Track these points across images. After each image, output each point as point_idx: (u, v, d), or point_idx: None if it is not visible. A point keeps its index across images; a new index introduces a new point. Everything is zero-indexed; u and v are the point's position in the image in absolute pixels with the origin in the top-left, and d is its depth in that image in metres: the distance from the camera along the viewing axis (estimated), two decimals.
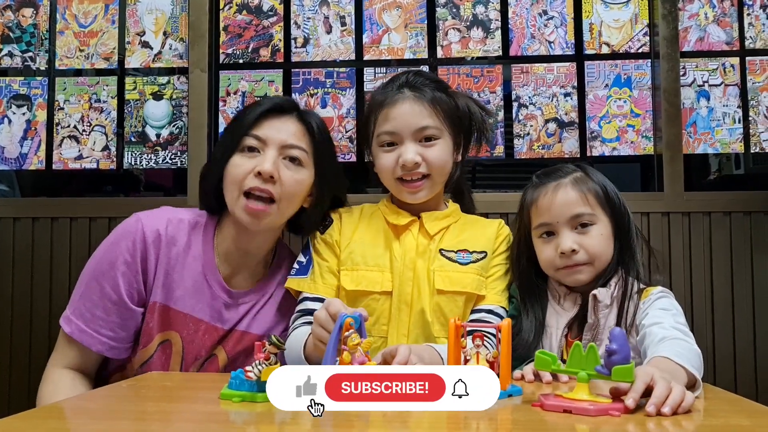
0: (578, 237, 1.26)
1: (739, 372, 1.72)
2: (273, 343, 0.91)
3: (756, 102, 1.83)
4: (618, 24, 1.86)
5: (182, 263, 1.30)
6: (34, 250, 1.82)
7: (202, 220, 1.36)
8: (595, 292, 1.23)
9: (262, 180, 1.26)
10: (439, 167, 1.35)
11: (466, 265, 1.35)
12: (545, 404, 0.88)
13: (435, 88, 1.38)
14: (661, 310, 1.19)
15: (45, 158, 1.90)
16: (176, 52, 1.91)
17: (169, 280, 1.28)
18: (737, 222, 1.76)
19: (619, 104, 1.84)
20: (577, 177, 1.31)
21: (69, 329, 1.26)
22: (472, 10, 1.88)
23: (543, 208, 1.29)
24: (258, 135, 1.30)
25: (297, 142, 1.32)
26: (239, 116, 1.37)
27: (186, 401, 0.95)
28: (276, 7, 1.91)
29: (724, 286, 1.74)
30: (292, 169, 1.31)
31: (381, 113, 1.36)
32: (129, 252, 1.26)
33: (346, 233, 1.39)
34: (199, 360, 1.32)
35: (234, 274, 1.36)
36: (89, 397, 1.00)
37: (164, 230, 1.29)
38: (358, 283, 1.32)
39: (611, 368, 0.85)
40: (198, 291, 1.30)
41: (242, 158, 1.29)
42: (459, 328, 1.00)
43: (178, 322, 1.29)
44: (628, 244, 1.29)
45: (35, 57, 1.93)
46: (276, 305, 1.38)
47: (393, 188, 1.38)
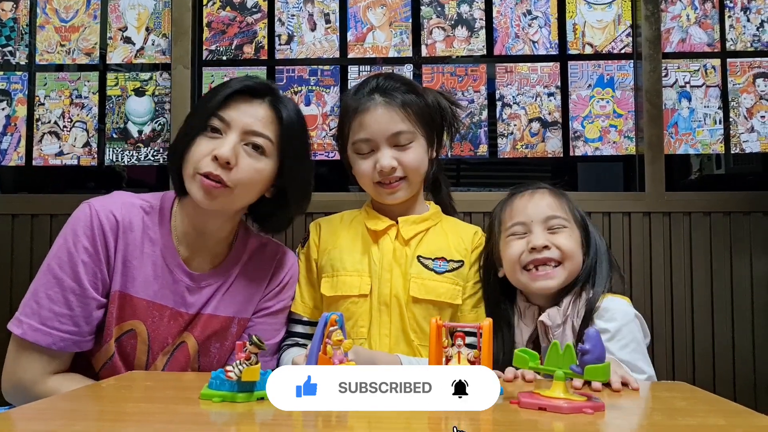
0: (550, 236, 1.29)
1: (717, 370, 1.74)
2: (254, 343, 0.91)
3: (736, 103, 1.85)
4: (601, 25, 1.87)
5: (140, 249, 1.24)
6: (14, 247, 1.80)
7: (156, 203, 1.30)
8: (542, 318, 1.25)
9: (218, 165, 1.20)
10: (415, 169, 1.37)
11: (442, 274, 1.36)
12: (522, 402, 0.89)
13: (405, 91, 1.38)
14: (621, 348, 1.20)
15: (25, 154, 1.87)
16: (159, 48, 1.89)
17: (129, 268, 1.23)
18: (717, 222, 1.78)
19: (602, 104, 1.85)
20: (551, 189, 1.36)
21: (20, 331, 1.17)
22: (457, 9, 1.88)
23: (518, 210, 1.32)
24: (223, 117, 1.23)
25: (262, 130, 1.24)
26: (209, 95, 1.30)
27: (166, 401, 0.95)
28: (260, 4, 1.90)
29: (703, 284, 1.76)
30: (254, 157, 1.24)
31: (355, 121, 1.37)
32: (88, 239, 1.20)
33: (326, 245, 1.41)
34: (168, 348, 1.27)
35: (194, 256, 1.30)
36: (66, 397, 0.99)
37: (120, 215, 1.23)
38: (337, 288, 1.34)
39: (584, 367, 0.86)
40: (159, 276, 1.25)
41: (204, 139, 1.23)
42: (440, 328, 1.01)
43: (141, 311, 1.23)
44: (594, 264, 1.31)
45: (15, 51, 1.91)
46: (242, 286, 1.33)
47: (371, 191, 1.40)
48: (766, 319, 1.75)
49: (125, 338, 1.24)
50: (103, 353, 1.24)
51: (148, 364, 1.25)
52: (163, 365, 1.26)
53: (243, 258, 1.35)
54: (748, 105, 1.84)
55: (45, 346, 1.17)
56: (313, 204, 1.39)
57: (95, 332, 1.23)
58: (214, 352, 1.31)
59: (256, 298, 1.34)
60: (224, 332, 1.31)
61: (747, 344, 1.74)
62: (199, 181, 1.21)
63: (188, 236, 1.29)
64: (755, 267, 1.76)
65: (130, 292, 1.23)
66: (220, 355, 1.31)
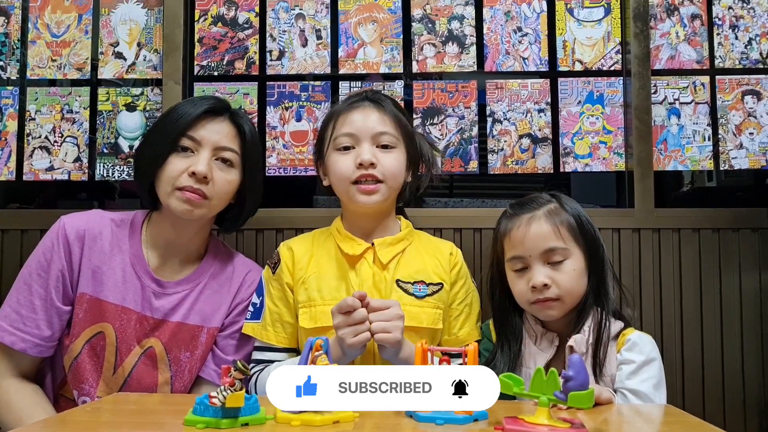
0: (550, 272, 1.26)
1: (707, 387, 1.74)
2: (238, 368, 0.91)
3: (725, 120, 1.86)
4: (591, 42, 1.88)
5: (110, 256, 1.36)
6: (4, 262, 1.80)
7: (128, 218, 1.43)
8: (572, 342, 1.23)
9: (196, 180, 1.33)
10: (393, 174, 1.37)
11: (423, 298, 1.35)
12: (506, 428, 0.89)
13: (395, 105, 1.43)
14: (643, 381, 1.20)
15: (15, 169, 1.87)
16: (150, 64, 1.89)
17: (99, 273, 1.34)
18: (706, 238, 1.78)
19: (592, 121, 1.86)
20: (551, 209, 1.30)
21: None
22: (448, 25, 1.89)
23: (516, 241, 1.29)
24: (193, 136, 1.36)
25: (229, 144, 1.39)
26: (173, 117, 1.39)
27: (149, 427, 0.94)
28: (251, 20, 1.90)
29: (693, 300, 1.76)
30: (224, 170, 1.38)
31: (340, 118, 1.40)
32: (54, 250, 1.33)
33: (300, 270, 1.38)
34: (135, 351, 1.35)
35: (163, 264, 1.41)
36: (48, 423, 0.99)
37: (86, 227, 1.36)
38: (317, 320, 1.32)
39: (568, 394, 0.86)
40: (127, 282, 1.36)
41: (176, 158, 1.35)
42: (425, 352, 1.01)
43: (109, 314, 1.34)
44: (602, 278, 1.30)
45: (6, 66, 1.91)
46: (210, 295, 1.42)
47: (346, 193, 1.37)
48: (755, 336, 1.75)
49: (95, 340, 1.34)
50: (68, 355, 1.34)
51: (116, 365, 1.35)
52: (131, 367, 1.35)
53: (212, 269, 1.44)
54: (736, 122, 1.85)
55: (8, 344, 1.29)
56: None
57: (56, 342, 1.34)
58: (184, 361, 1.38)
59: (223, 309, 1.42)
60: (194, 341, 1.38)
61: (736, 362, 1.74)
62: (178, 195, 1.33)
63: (159, 247, 1.41)
64: (744, 283, 1.77)
65: (99, 297, 1.34)
66: (191, 364, 1.38)
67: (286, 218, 1.78)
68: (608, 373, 1.22)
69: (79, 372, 1.33)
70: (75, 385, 1.34)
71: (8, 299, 1.35)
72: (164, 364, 1.36)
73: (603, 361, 1.22)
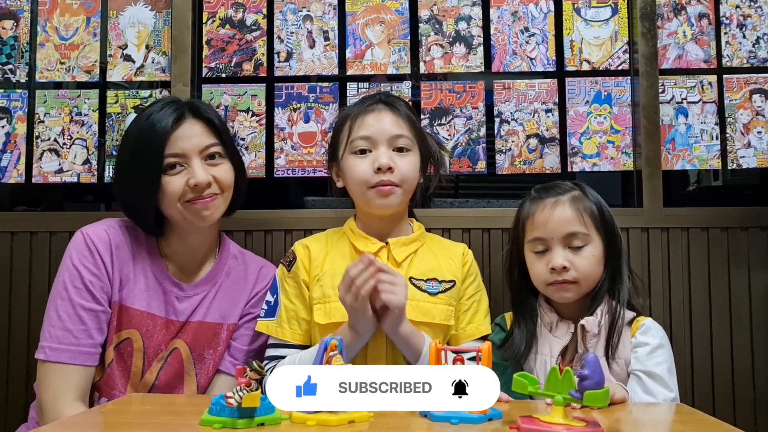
0: (570, 255, 1.30)
1: (716, 385, 1.74)
2: (254, 369, 0.91)
3: (733, 119, 1.86)
4: (598, 41, 1.88)
5: (132, 263, 1.36)
6: (12, 264, 1.80)
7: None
8: (583, 322, 1.26)
9: (200, 189, 1.33)
10: (409, 178, 1.39)
11: (436, 295, 1.37)
12: (521, 427, 0.89)
13: (407, 107, 1.45)
14: (657, 364, 1.24)
15: (24, 171, 1.88)
16: (159, 66, 1.90)
17: (124, 282, 1.35)
18: (715, 237, 1.78)
19: (600, 120, 1.86)
20: (575, 195, 1.34)
21: (42, 355, 1.27)
22: (455, 26, 1.89)
23: (539, 223, 1.32)
24: (175, 152, 1.34)
25: (209, 140, 1.37)
26: (142, 144, 1.34)
27: (165, 427, 0.95)
28: (259, 22, 1.91)
29: (702, 299, 1.76)
30: (218, 165, 1.38)
31: (357, 121, 1.40)
32: (88, 260, 1.32)
33: (316, 267, 1.40)
34: (162, 354, 1.37)
35: (182, 269, 1.42)
36: (64, 424, 0.99)
37: (108, 236, 1.36)
38: (331, 316, 1.33)
39: (584, 393, 0.86)
40: (150, 288, 1.37)
41: (170, 177, 1.34)
42: (440, 351, 1.01)
43: (135, 320, 1.35)
44: (618, 266, 1.33)
45: (15, 69, 1.92)
46: (227, 293, 1.44)
47: (363, 197, 1.38)
48: (764, 334, 1.75)
49: (123, 346, 1.35)
50: (104, 360, 1.33)
51: (144, 370, 1.36)
52: (158, 370, 1.37)
53: (227, 267, 1.47)
54: (744, 121, 1.85)
55: (65, 362, 1.26)
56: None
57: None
58: (208, 358, 1.41)
59: (240, 304, 1.44)
60: (215, 338, 1.41)
61: (746, 360, 1.74)
62: (191, 207, 1.34)
63: (176, 254, 1.42)
64: (753, 282, 1.76)
65: (126, 304, 1.35)
66: (215, 360, 1.41)
67: (297, 219, 1.79)
68: (622, 356, 1.26)
69: (111, 378, 1.33)
70: (106, 392, 1.34)
71: (48, 322, 1.30)
72: (189, 364, 1.39)
73: (617, 344, 1.25)
